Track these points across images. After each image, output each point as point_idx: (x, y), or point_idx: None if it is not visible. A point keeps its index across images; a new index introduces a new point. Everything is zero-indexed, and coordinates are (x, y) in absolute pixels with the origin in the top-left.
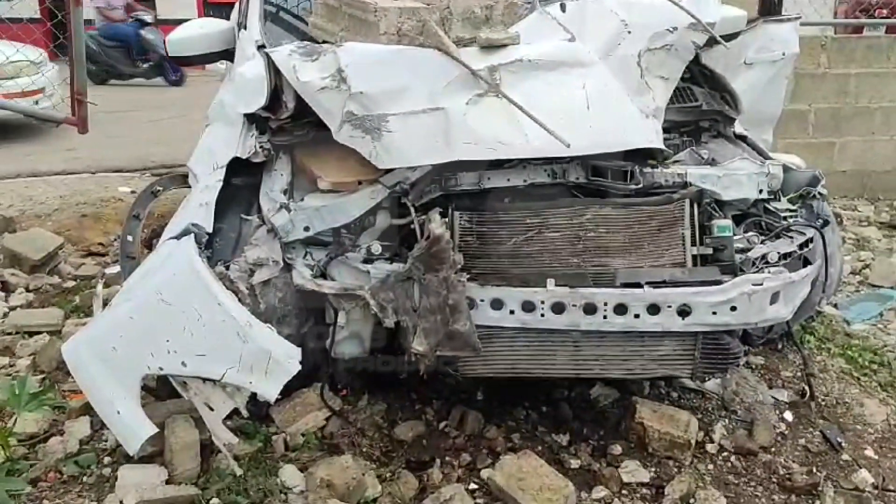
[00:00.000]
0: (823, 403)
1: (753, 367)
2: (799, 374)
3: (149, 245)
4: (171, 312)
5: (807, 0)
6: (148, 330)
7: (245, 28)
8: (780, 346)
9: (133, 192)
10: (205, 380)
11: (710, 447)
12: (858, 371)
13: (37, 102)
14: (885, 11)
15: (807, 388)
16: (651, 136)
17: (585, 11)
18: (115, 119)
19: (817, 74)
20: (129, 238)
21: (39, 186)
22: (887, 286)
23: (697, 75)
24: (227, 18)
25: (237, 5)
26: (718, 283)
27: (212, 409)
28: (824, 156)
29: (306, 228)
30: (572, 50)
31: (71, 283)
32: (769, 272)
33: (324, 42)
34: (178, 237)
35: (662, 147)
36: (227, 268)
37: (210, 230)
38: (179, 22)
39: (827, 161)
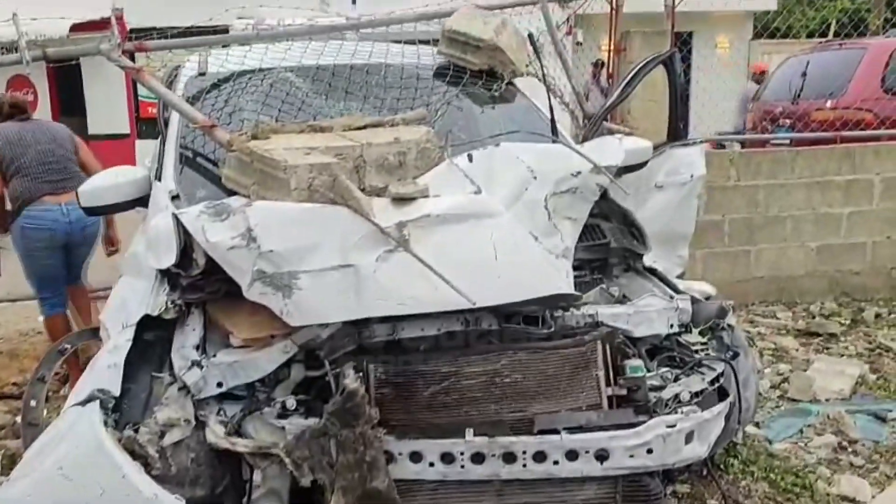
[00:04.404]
0: None
1: (680, 495)
2: (724, 500)
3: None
4: (73, 488)
5: (713, 119)
6: None
7: (160, 179)
8: (704, 472)
9: None
10: None
11: None
12: (781, 495)
13: None
14: (788, 121)
15: None
16: (560, 282)
17: (492, 159)
18: None
19: (728, 186)
20: (33, 403)
21: None
22: (806, 401)
23: (606, 210)
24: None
25: (154, 152)
26: (633, 425)
27: None
28: (741, 263)
29: (219, 384)
30: (479, 202)
31: None
32: (682, 412)
33: (235, 194)
34: (82, 404)
35: (571, 292)
36: (136, 431)
37: (117, 393)
38: (112, 137)
39: (744, 268)
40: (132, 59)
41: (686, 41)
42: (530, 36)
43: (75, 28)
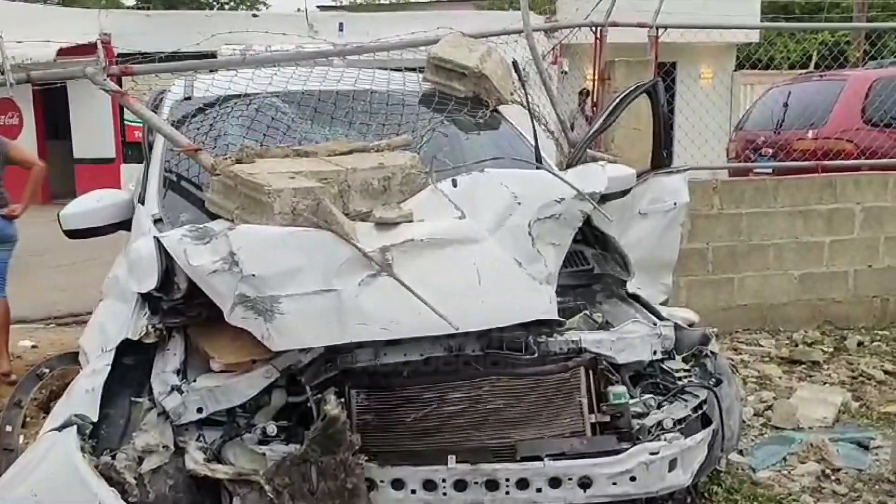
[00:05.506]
0: None
1: None
2: None
3: (46, 408)
4: None
5: (696, 148)
6: None
7: (143, 202)
8: (687, 500)
9: (35, 346)
10: None
11: None
12: None
13: None
14: (770, 150)
15: None
16: (544, 307)
17: (476, 185)
18: (17, 264)
19: (712, 215)
20: (8, 428)
21: None
22: (789, 428)
23: (589, 237)
24: None
25: (139, 175)
26: (617, 452)
27: None
28: (725, 291)
29: (199, 410)
30: (463, 227)
31: None
32: (665, 439)
33: (219, 218)
34: (59, 429)
35: (555, 317)
36: (114, 457)
37: (95, 418)
38: (97, 161)
39: (728, 295)
40: (119, 83)
41: (670, 71)
42: (515, 64)
43: (62, 52)
